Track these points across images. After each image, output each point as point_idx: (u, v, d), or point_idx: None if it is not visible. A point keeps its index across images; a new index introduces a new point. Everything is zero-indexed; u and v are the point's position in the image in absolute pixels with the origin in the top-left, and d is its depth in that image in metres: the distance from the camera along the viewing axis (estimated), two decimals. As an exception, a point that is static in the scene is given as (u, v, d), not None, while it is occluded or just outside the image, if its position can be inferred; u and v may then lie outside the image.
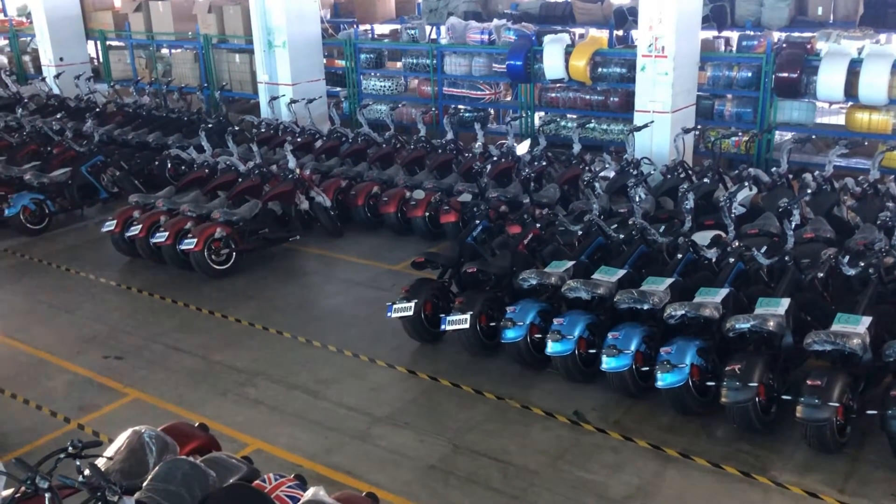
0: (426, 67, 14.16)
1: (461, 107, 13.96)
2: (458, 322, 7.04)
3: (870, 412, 5.66)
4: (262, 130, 12.81)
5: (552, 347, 6.60)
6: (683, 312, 6.24)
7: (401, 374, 7.15)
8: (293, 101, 13.23)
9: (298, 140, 12.15)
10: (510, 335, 6.82)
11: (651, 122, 10.59)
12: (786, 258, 6.85)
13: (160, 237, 9.20)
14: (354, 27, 16.55)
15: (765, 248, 7.00)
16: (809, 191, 8.56)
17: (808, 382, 5.58)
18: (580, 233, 7.99)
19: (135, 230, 9.45)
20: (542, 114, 13.49)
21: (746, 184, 8.89)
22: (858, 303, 6.27)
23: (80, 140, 12.28)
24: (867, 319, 5.90)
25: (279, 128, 12.80)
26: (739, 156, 11.63)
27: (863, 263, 6.57)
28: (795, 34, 13.24)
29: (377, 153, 11.54)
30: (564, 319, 6.68)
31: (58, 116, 13.59)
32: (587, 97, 12.81)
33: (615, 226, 7.98)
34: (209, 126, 12.33)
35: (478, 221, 8.45)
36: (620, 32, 14.65)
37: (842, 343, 5.67)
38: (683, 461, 5.78)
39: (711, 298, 6.35)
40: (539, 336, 6.85)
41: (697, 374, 6.12)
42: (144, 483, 4.13)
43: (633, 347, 6.27)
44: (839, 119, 11.81)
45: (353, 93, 14.84)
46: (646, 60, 10.71)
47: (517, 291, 7.26)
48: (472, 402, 6.64)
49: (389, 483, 5.62)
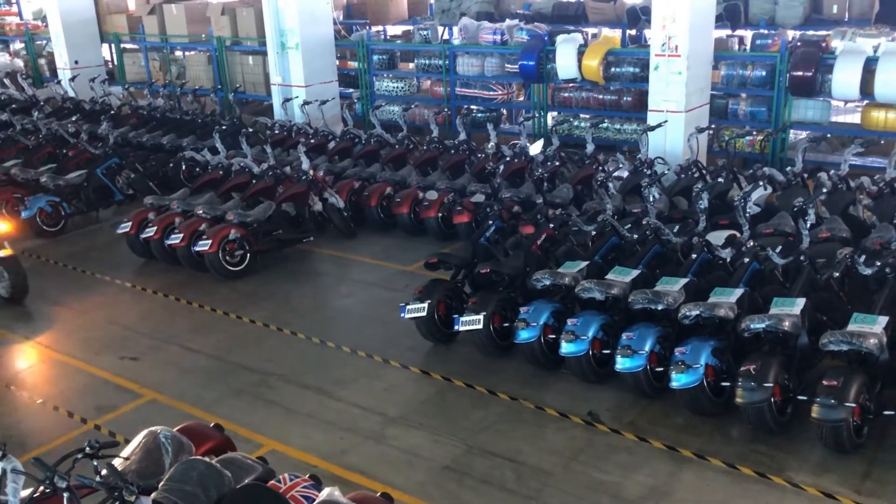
0: (439, 68, 14.17)
1: (474, 107, 13.97)
2: (472, 323, 7.04)
3: (887, 412, 5.62)
4: (276, 132, 12.85)
5: (566, 348, 6.58)
6: (698, 312, 6.21)
7: (414, 375, 7.16)
8: (306, 103, 13.27)
9: (312, 141, 12.20)
10: (524, 336, 6.82)
11: (665, 122, 10.55)
12: (801, 258, 6.80)
13: (175, 239, 9.26)
14: (367, 28, 16.60)
15: (780, 248, 6.96)
16: (825, 190, 8.49)
17: (824, 382, 5.55)
18: (594, 233, 7.96)
19: (150, 232, 9.51)
20: (555, 114, 13.48)
21: (761, 183, 8.84)
22: (875, 302, 6.22)
23: (96, 142, 12.36)
24: (884, 319, 5.86)
25: (292, 129, 12.84)
26: (754, 155, 11.57)
27: (879, 263, 6.52)
28: (810, 32, 13.19)
29: (390, 154, 11.56)
30: (578, 320, 6.66)
31: (73, 119, 13.67)
32: (600, 97, 12.78)
33: (629, 226, 7.95)
34: (223, 128, 12.39)
35: (491, 222, 8.43)
36: (633, 32, 14.61)
37: (858, 343, 5.63)
38: (698, 462, 5.76)
39: (726, 298, 6.32)
40: (553, 336, 6.84)
41: (712, 375, 6.09)
42: (160, 483, 4.16)
43: (648, 348, 6.26)
44: (854, 118, 11.72)
45: (366, 94, 14.88)
46: (659, 60, 10.68)
47: (530, 292, 7.25)
48: (486, 403, 6.64)
49: (404, 483, 5.63)
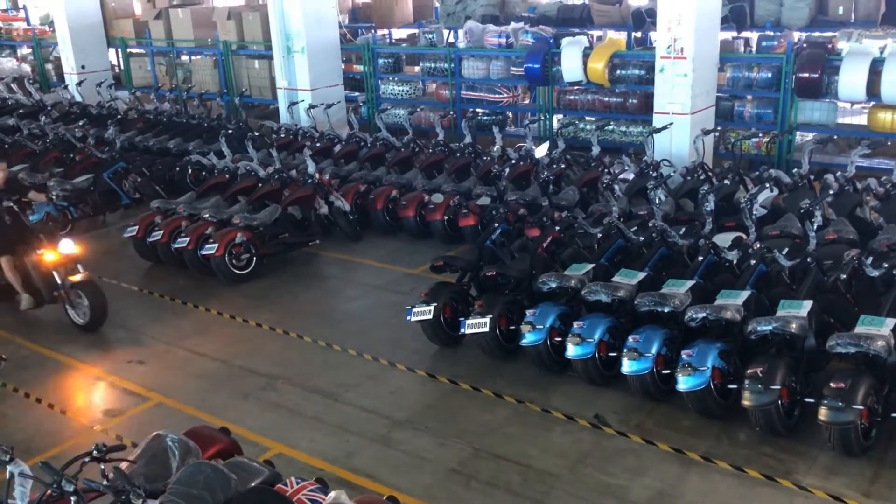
0: (444, 71, 14.18)
1: (479, 110, 13.97)
2: (478, 325, 7.03)
3: (895, 415, 5.59)
4: (282, 136, 12.89)
5: (572, 351, 6.57)
6: (705, 315, 6.20)
7: (421, 378, 7.16)
8: (312, 107, 13.30)
9: (318, 145, 12.23)
10: (530, 338, 6.81)
11: (670, 124, 10.54)
12: (808, 260, 6.79)
13: (181, 242, 9.29)
14: (372, 32, 16.64)
15: (787, 250, 6.95)
16: (831, 192, 8.47)
17: (832, 385, 5.53)
18: (600, 235, 7.96)
19: (156, 235, 9.54)
20: (561, 116, 13.47)
21: (767, 185, 8.81)
22: (882, 304, 6.20)
23: (102, 147, 12.41)
24: (891, 321, 5.84)
25: (298, 133, 12.87)
26: (760, 157, 11.55)
27: (886, 265, 6.50)
28: (816, 34, 13.17)
29: (396, 157, 11.57)
30: (584, 322, 6.65)
31: (80, 123, 13.72)
32: (606, 99, 12.78)
33: (635, 228, 7.94)
34: (229, 132, 12.42)
35: (497, 224, 8.43)
36: (639, 34, 14.62)
37: (866, 345, 5.61)
38: (705, 465, 5.74)
39: (733, 301, 6.30)
40: (559, 339, 6.83)
41: (719, 377, 6.08)
42: (167, 486, 4.17)
43: (654, 350, 6.24)
44: (861, 119, 11.69)
45: (372, 97, 14.90)
46: (664, 62, 10.67)
47: (537, 294, 7.25)
48: (493, 406, 6.64)
49: (410, 486, 5.63)
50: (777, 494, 5.40)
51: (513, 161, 10.65)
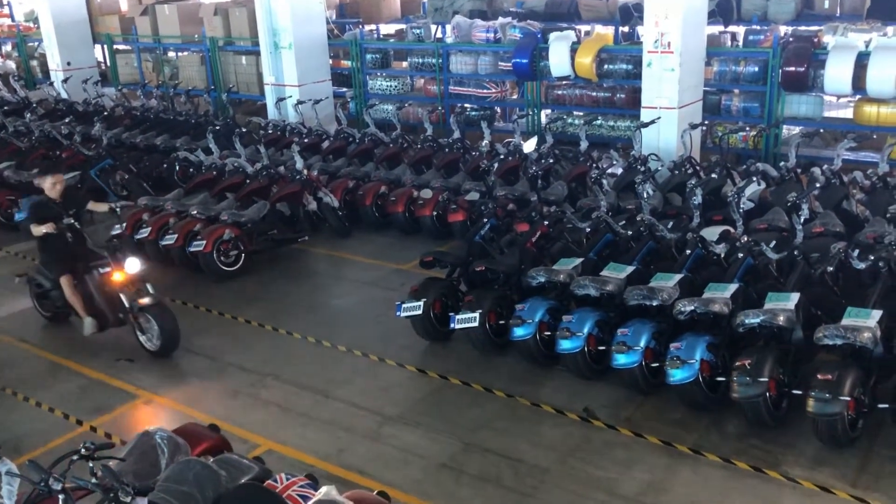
0: (432, 67, 14.15)
1: (467, 105, 13.96)
2: (468, 321, 7.04)
3: (881, 406, 5.64)
4: (270, 132, 12.85)
5: (562, 345, 6.59)
6: (693, 308, 6.23)
7: (411, 374, 7.16)
8: (300, 102, 13.28)
9: (306, 141, 12.20)
10: (519, 333, 6.83)
11: (658, 119, 10.57)
12: (795, 252, 6.82)
13: (169, 239, 9.26)
14: (360, 27, 16.58)
15: (774, 243, 6.98)
16: (818, 185, 8.50)
17: (819, 377, 5.56)
18: (588, 230, 7.97)
19: (144, 233, 9.50)
20: (549, 111, 13.48)
21: (754, 179, 8.85)
22: (869, 296, 6.24)
23: (89, 144, 12.34)
24: (878, 313, 5.88)
25: (286, 129, 12.83)
26: (747, 151, 11.60)
27: (872, 257, 6.53)
28: (802, 28, 13.22)
29: (384, 153, 11.56)
30: (574, 317, 6.67)
31: (66, 121, 13.64)
32: (594, 94, 12.79)
33: (623, 222, 7.96)
34: (217, 128, 12.37)
35: (486, 220, 8.44)
36: (626, 29, 14.63)
37: (852, 337, 5.65)
38: (694, 457, 5.77)
39: (721, 294, 6.33)
40: (548, 333, 6.85)
41: (707, 370, 6.10)
42: (157, 484, 4.16)
43: (643, 344, 6.27)
44: (847, 113, 11.75)
45: (360, 93, 14.86)
46: (652, 56, 10.69)
47: (526, 289, 7.26)
48: (483, 400, 6.65)
49: (401, 482, 5.63)
50: (765, 486, 5.43)
51: (501, 156, 10.66)
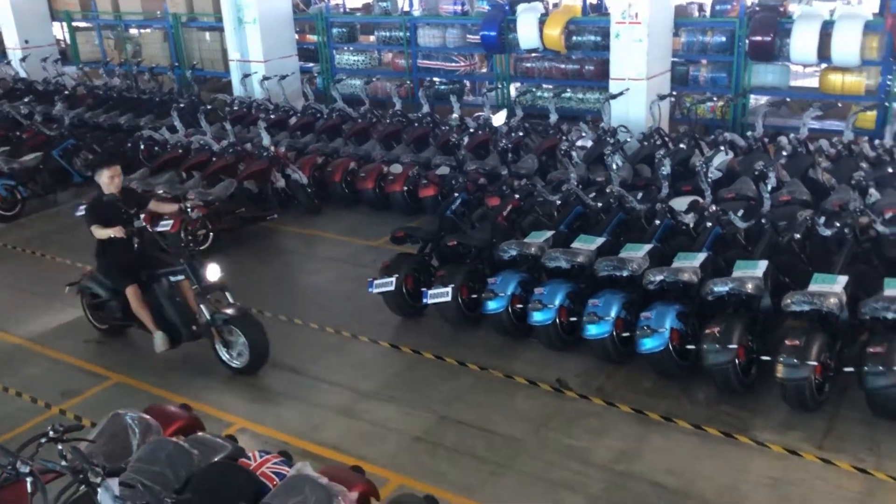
0: (399, 40, 14.02)
1: (436, 79, 13.85)
2: (440, 295, 7.04)
3: (847, 370, 5.73)
4: (236, 109, 12.66)
5: (534, 317, 6.62)
6: (662, 278, 6.28)
7: (384, 349, 7.15)
8: (266, 78, 13.09)
9: (272, 117, 12.05)
10: (492, 306, 6.84)
11: (626, 90, 10.57)
12: (762, 221, 6.89)
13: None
14: (325, 1, 16.33)
15: (742, 212, 7.05)
16: (785, 153, 8.60)
17: (787, 342, 5.65)
18: (559, 202, 7.99)
19: (110, 213, 9.33)
20: (518, 84, 13.43)
21: (722, 148, 8.93)
22: (835, 263, 6.33)
23: (51, 124, 12.08)
24: (843, 279, 5.97)
25: (252, 105, 12.67)
26: (715, 121, 11.65)
27: (838, 224, 6.63)
28: (768, -3, 13.23)
29: (353, 128, 11.45)
30: (545, 289, 6.69)
31: (26, 100, 13.33)
32: (562, 66, 12.75)
33: (593, 194, 7.99)
34: (181, 106, 12.16)
35: (456, 194, 8.41)
36: (594, 0, 14.57)
37: (819, 303, 5.73)
38: (666, 424, 5.84)
39: (690, 263, 6.38)
40: (520, 306, 6.86)
41: (677, 338, 6.16)
42: (128, 465, 4.12)
43: (614, 314, 6.31)
44: (813, 82, 11.85)
45: (327, 68, 14.69)
46: (620, 27, 10.67)
47: (498, 263, 7.26)
48: (456, 374, 6.67)
49: (376, 456, 5.64)
50: (735, 451, 5.52)
51: (471, 130, 10.61)
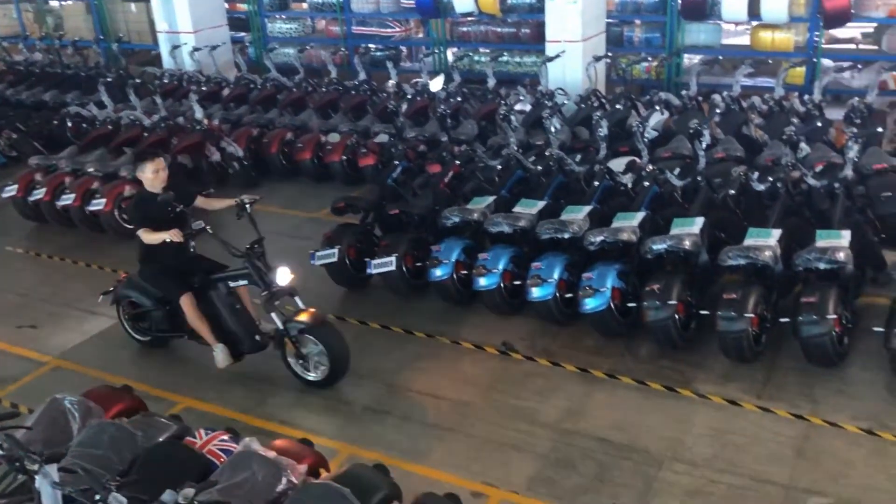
0: (333, 7, 13.78)
1: (372, 46, 13.67)
2: (384, 265, 7.00)
3: (783, 320, 5.91)
4: (166, 82, 12.31)
5: (478, 282, 6.64)
6: (602, 238, 6.35)
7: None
8: (196, 50, 12.74)
9: (204, 90, 11.75)
10: (437, 274, 6.84)
11: (562, 52, 10.58)
12: (698, 178, 7.02)
13: (67, 200, 8.84)
14: (255, -32, 15.93)
15: (678, 170, 7.16)
16: (718, 111, 8.73)
17: (724, 296, 5.79)
18: (499, 167, 7.99)
19: (39, 194, 9.03)
20: (455, 49, 13.34)
21: (658, 108, 9.03)
22: (768, 217, 6.49)
23: (-32, 103, 11.59)
24: (777, 232, 6.13)
25: (183, 78, 12.33)
26: (650, 81, 11.78)
27: (771, 179, 6.78)
28: (699, -44, 13.33)
29: (288, 98, 11.25)
30: (489, 254, 6.71)
31: (-60, 79, 12.77)
32: (498, 30, 12.71)
33: (533, 158, 8.02)
34: (109, 81, 11.77)
35: (397, 162, 8.36)
36: (528, -38, 14.46)
37: (754, 256, 5.88)
38: (610, 381, 5.95)
39: (628, 223, 6.46)
40: (465, 272, 6.88)
41: (619, 297, 6.26)
42: (69, 450, 4.02)
43: (557, 276, 6.37)
44: (744, 39, 12.04)
45: (258, 37, 14.37)
46: (554, -11, 10.64)
47: (441, 230, 7.25)
48: (403, 343, 6.67)
49: (325, 428, 5.62)
50: (678, 404, 5.65)
51: (409, 97, 10.51)
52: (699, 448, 5.20)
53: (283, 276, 5.94)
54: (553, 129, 8.43)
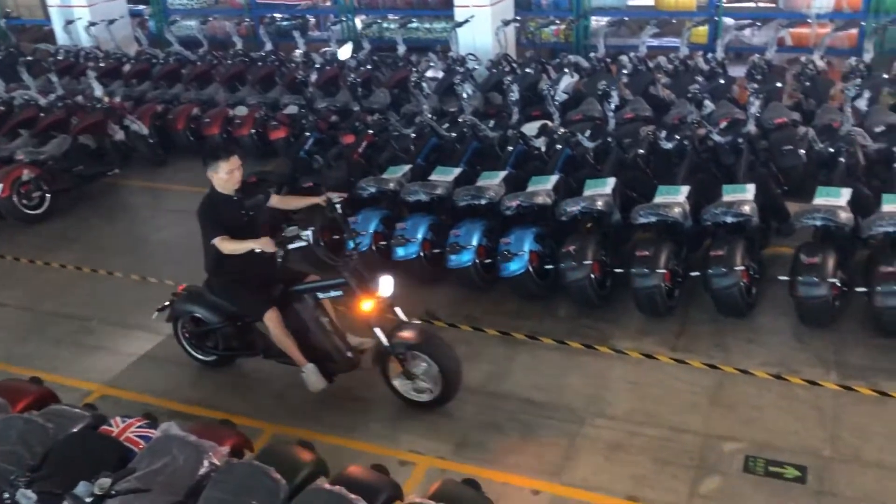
0: (235, -24, 13.35)
1: (277, 15, 13.31)
2: (300, 239, 6.86)
3: (693, 274, 6.08)
4: (61, 59, 11.76)
5: (398, 252, 6.61)
6: (518, 203, 6.39)
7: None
8: (92, 24, 12.18)
9: (103, 66, 11.27)
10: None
11: (471, 18, 10.54)
12: (609, 139, 7.12)
13: (-41, 187, 8.37)
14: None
15: (589, 132, 7.25)
16: (626, 72, 8.87)
17: (637, 254, 5.92)
18: (414, 135, 7.94)
19: (-73, 182, 8.52)
20: (364, 16, 13.12)
21: (567, 71, 9.10)
22: (677, 174, 6.64)
23: None
24: (685, 189, 6.28)
25: (80, 54, 11.79)
26: (560, 44, 11.86)
27: (678, 137, 6.94)
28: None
29: (192, 72, 10.91)
30: (407, 224, 6.67)
31: None
32: (406, -4, 12.56)
33: (447, 125, 7.98)
34: (-2, 59, 11.18)
35: (308, 134, 8.20)
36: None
37: (664, 213, 6.03)
38: (531, 343, 6.04)
39: (543, 186, 6.53)
40: (384, 243, 6.83)
41: (537, 260, 6.33)
42: (-26, 449, 3.84)
43: (475, 242, 6.39)
44: (649, 0, 12.21)
45: (159, 10, 13.82)
46: (460, -47, 10.57)
47: (357, 201, 7.16)
48: (324, 317, 6.59)
49: (247, 409, 5.53)
50: (597, 360, 5.78)
51: (318, 66, 10.31)
52: (619, 402, 5.33)
53: (387, 286, 5.18)
54: (465, 95, 8.41)
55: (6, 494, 3.27)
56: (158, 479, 3.72)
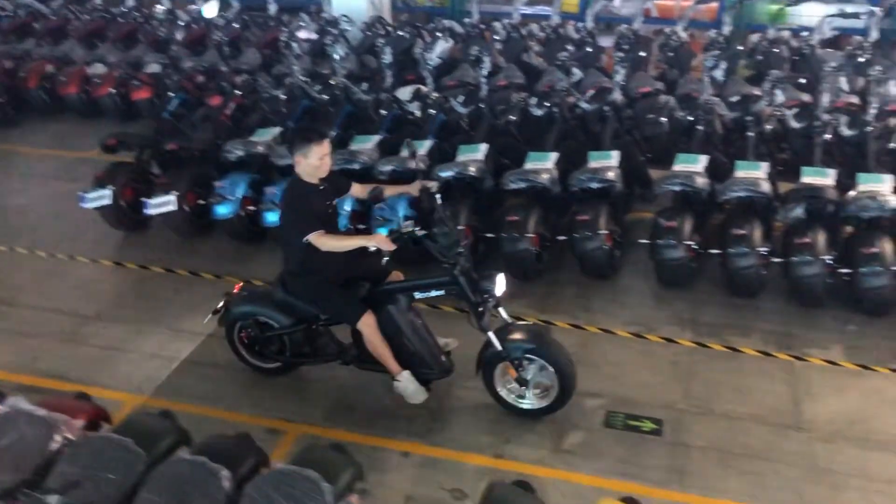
0: (93, -75, 12.48)
1: (140, -31, 12.59)
2: (164, 204, 6.61)
3: (560, 238, 6.24)
4: None
5: (269, 218, 6.44)
6: (393, 168, 6.34)
7: (107, 268, 6.65)
8: (-72, -29, 11.15)
9: (-58, 18, 10.38)
10: (222, 211, 6.57)
11: (346, -22, 10.31)
12: (481, 105, 7.16)
13: None
14: None
15: (462, 98, 7.26)
16: (498, 39, 8.92)
17: (507, 219, 6.01)
18: (284, 97, 7.72)
19: None
20: (232, -26, 12.59)
21: (441, 36, 9.07)
22: (546, 141, 6.77)
23: None
24: (554, 155, 6.41)
25: (-84, 4, 10.80)
26: (436, 9, 11.77)
27: (548, 104, 7.06)
28: None
29: (46, 27, 10.20)
30: (276, 189, 6.50)
31: None
32: (279, -46, 12.11)
33: (319, 87, 7.81)
34: None
35: (173, 94, 7.85)
36: None
37: (534, 179, 6.14)
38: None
39: (473, 156, 6.42)
40: (252, 208, 6.65)
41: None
42: None
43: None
44: (523, -32, 12.29)
45: (7, -42, 12.77)
46: (332, -90, 10.29)
47: (225, 165, 6.93)
48: (189, 285, 6.39)
49: (109, 380, 5.30)
50: (466, 324, 5.79)
51: (183, 24, 9.85)
52: (489, 364, 5.41)
53: (500, 284, 4.74)
54: (337, 57, 8.25)
55: None
56: (5, 457, 3.51)
